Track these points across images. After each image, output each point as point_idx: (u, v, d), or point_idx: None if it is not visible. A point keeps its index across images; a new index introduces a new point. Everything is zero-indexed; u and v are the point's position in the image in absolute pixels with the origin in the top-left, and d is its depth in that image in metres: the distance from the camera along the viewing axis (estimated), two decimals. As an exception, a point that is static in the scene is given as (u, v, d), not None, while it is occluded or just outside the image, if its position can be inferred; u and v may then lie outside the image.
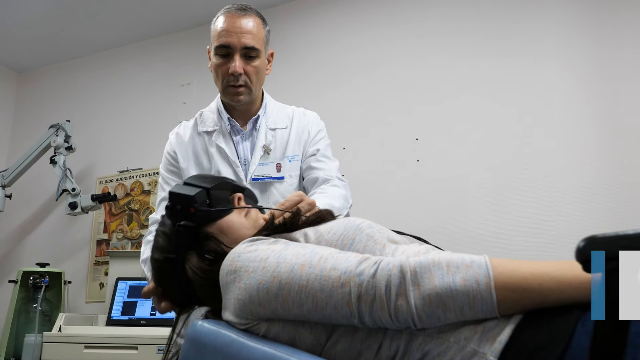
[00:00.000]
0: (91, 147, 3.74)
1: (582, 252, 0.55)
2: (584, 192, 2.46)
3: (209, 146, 1.62)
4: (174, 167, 1.64)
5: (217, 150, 1.61)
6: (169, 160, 1.66)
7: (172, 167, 1.65)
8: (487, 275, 0.72)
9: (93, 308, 3.35)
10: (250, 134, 1.65)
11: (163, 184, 1.65)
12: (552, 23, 2.68)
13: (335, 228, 0.96)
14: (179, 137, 1.67)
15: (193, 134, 1.66)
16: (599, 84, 2.54)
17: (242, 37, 1.53)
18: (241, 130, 1.64)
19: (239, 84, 1.55)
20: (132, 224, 3.50)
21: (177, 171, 1.63)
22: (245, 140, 1.65)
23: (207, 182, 1.10)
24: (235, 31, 1.53)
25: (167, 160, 1.67)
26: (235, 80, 1.55)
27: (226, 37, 1.53)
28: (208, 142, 1.63)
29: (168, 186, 1.61)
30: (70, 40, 3.79)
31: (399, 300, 0.75)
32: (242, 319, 0.89)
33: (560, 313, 0.70)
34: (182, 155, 1.63)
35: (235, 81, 1.55)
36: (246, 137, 1.65)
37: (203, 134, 1.65)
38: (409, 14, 3.03)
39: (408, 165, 2.84)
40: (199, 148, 1.64)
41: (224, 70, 1.55)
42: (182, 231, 1.05)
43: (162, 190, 1.64)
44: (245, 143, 1.64)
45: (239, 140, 1.64)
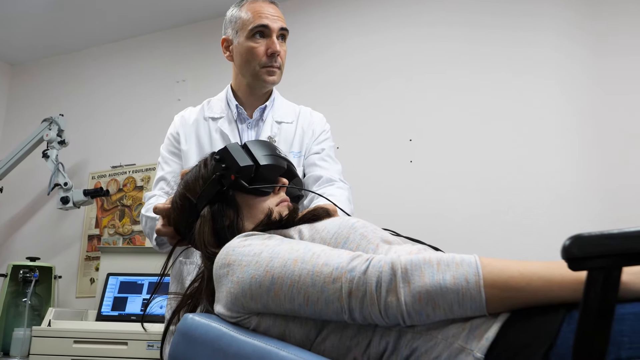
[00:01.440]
0: (84, 142, 3.73)
1: (567, 251, 0.56)
2: (575, 194, 2.48)
3: (213, 131, 1.63)
4: (174, 149, 1.65)
5: (221, 136, 1.62)
6: (170, 141, 1.66)
7: (174, 148, 1.65)
8: (477, 274, 0.74)
9: (83, 303, 3.34)
10: (256, 123, 1.66)
11: (162, 163, 1.65)
12: (547, 29, 2.70)
13: (329, 226, 0.97)
14: (184, 119, 1.68)
15: (198, 118, 1.67)
16: (590, 89, 2.56)
17: (277, 20, 1.60)
18: (247, 118, 1.65)
19: (277, 65, 1.59)
20: (124, 220, 3.50)
21: (178, 152, 1.64)
22: (250, 129, 1.65)
23: (263, 156, 1.10)
24: (270, 14, 1.59)
25: (169, 141, 1.67)
26: (274, 61, 1.58)
27: (263, 18, 1.58)
28: (213, 128, 1.64)
29: (167, 166, 1.62)
30: (65, 34, 3.78)
31: (389, 297, 0.76)
32: (233, 312, 0.90)
33: (547, 312, 0.71)
34: (184, 137, 1.64)
35: (274, 62, 1.58)
36: (252, 126, 1.66)
37: (208, 119, 1.66)
38: (405, 18, 3.04)
39: (401, 165, 2.85)
40: (202, 132, 1.64)
41: (261, 51, 1.57)
42: (215, 183, 1.07)
43: (160, 169, 1.64)
44: (250, 132, 1.65)
45: (244, 129, 1.65)
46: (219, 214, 1.06)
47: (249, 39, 1.58)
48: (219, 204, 1.07)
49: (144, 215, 1.52)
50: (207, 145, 1.61)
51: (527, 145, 2.62)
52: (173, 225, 1.16)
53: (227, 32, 1.66)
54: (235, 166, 1.07)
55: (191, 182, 1.12)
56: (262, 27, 1.57)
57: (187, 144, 1.63)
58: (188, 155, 1.61)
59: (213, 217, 1.06)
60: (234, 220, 1.06)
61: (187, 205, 1.11)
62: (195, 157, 1.58)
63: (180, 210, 1.13)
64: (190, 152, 1.61)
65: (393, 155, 2.88)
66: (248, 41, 1.58)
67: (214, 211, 1.06)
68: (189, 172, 1.16)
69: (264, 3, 1.62)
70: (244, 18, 1.60)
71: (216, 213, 1.06)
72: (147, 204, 1.55)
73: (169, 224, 1.18)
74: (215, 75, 3.31)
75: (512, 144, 2.65)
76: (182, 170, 1.23)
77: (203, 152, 1.59)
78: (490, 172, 2.66)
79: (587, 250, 0.55)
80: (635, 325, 0.64)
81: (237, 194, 1.08)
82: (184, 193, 1.12)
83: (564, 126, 2.57)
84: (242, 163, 1.07)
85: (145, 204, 1.57)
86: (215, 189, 1.07)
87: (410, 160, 2.84)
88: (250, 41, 1.58)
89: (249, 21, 1.59)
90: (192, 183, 1.12)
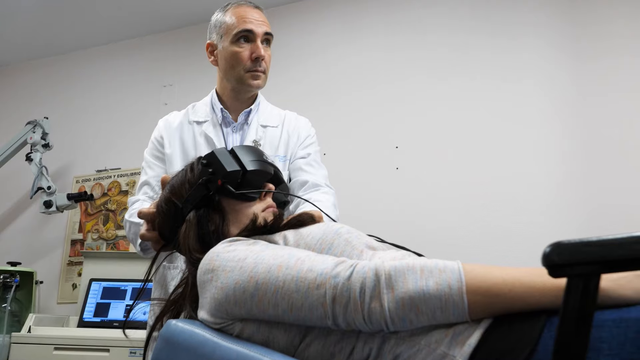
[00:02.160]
0: (69, 145, 3.69)
1: (547, 258, 0.56)
2: (558, 202, 2.51)
3: (197, 135, 1.63)
4: (158, 153, 1.64)
5: (206, 139, 1.62)
6: (154, 145, 1.66)
7: (157, 152, 1.64)
8: (460, 280, 0.74)
9: (65, 309, 3.30)
10: (241, 127, 1.66)
11: (146, 167, 1.64)
12: (529, 36, 2.74)
13: (314, 232, 0.97)
14: (168, 123, 1.68)
15: (183, 122, 1.67)
16: (573, 98, 2.60)
17: (262, 25, 1.61)
18: (232, 122, 1.65)
19: (261, 69, 1.60)
20: (109, 225, 3.47)
21: (162, 157, 1.63)
22: (235, 133, 1.65)
23: (251, 161, 1.10)
24: (255, 19, 1.61)
25: (152, 145, 1.66)
26: (259, 66, 1.59)
27: (248, 23, 1.59)
28: (197, 132, 1.63)
29: (151, 170, 1.61)
30: (51, 36, 3.76)
31: (372, 303, 0.76)
32: (217, 318, 0.90)
33: (529, 318, 0.72)
34: (168, 140, 1.63)
35: (259, 66, 1.59)
36: (237, 129, 1.66)
37: (193, 123, 1.65)
38: (392, 25, 3.06)
39: (387, 172, 2.86)
40: (186, 136, 1.64)
41: (245, 56, 1.58)
42: (202, 187, 1.07)
43: (144, 174, 1.63)
44: (235, 135, 1.65)
45: (229, 132, 1.65)
46: (205, 218, 1.06)
47: (233, 43, 1.59)
48: (204, 209, 1.07)
49: (128, 220, 1.51)
50: (192, 149, 1.60)
51: (511, 152, 2.65)
52: (157, 230, 1.16)
53: (212, 36, 1.66)
54: (222, 171, 1.07)
55: (177, 186, 1.12)
56: (247, 32, 1.58)
57: (171, 148, 1.62)
58: (172, 159, 1.60)
59: (199, 222, 1.06)
60: (219, 225, 1.06)
61: (173, 209, 1.10)
62: (179, 161, 1.58)
63: (165, 214, 1.12)
64: (174, 156, 1.60)
65: (379, 162, 2.90)
66: (232, 46, 1.59)
67: (200, 216, 1.06)
68: (175, 176, 1.16)
69: (249, 8, 1.62)
70: (229, 23, 1.61)
71: (202, 218, 1.06)
72: (131, 209, 1.54)
73: (153, 228, 1.17)
74: (202, 79, 3.31)
75: (497, 151, 2.68)
76: (164, 175, 1.22)
77: (187, 156, 1.58)
78: (475, 178, 2.68)
79: (567, 258, 0.56)
80: (614, 332, 0.65)
81: (223, 199, 1.08)
82: (169, 197, 1.12)
83: (548, 133, 2.61)
84: (229, 168, 1.07)
85: (129, 209, 1.55)
86: (201, 194, 1.07)
87: (396, 167, 2.86)
88: (235, 46, 1.59)
89: (234, 26, 1.59)
90: (178, 187, 1.11)
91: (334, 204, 1.54)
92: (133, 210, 1.51)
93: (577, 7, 2.70)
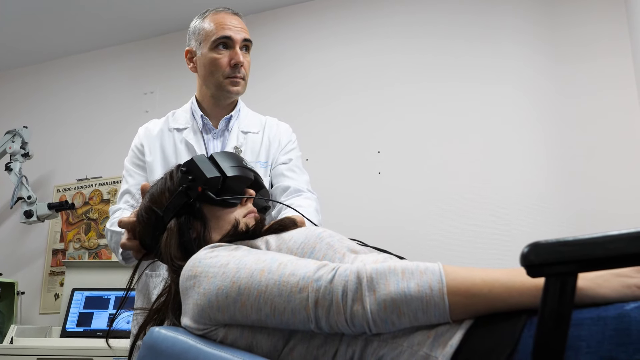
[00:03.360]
0: (49, 154, 3.65)
1: (525, 258, 0.57)
2: (539, 207, 2.54)
3: (178, 142, 1.62)
4: (139, 161, 1.63)
5: (186, 146, 1.61)
6: (135, 153, 1.64)
7: (138, 160, 1.63)
8: (440, 281, 0.75)
9: (47, 319, 3.26)
10: (222, 133, 1.66)
11: (127, 176, 1.63)
12: (509, 41, 2.78)
13: (296, 236, 0.97)
14: (148, 131, 1.67)
15: (163, 129, 1.66)
16: (554, 103, 2.64)
17: (240, 31, 1.61)
18: (213, 128, 1.65)
19: (240, 76, 1.60)
20: (90, 234, 3.43)
21: (142, 164, 1.62)
22: (216, 139, 1.65)
23: (230, 167, 1.10)
24: (234, 25, 1.60)
25: (133, 153, 1.65)
26: (238, 72, 1.59)
27: (226, 30, 1.59)
28: (177, 139, 1.63)
29: (131, 179, 1.60)
30: (30, 45, 3.72)
31: (355, 306, 0.76)
32: (200, 324, 0.89)
33: (509, 318, 0.73)
34: (148, 148, 1.62)
35: (238, 72, 1.59)
36: (217, 136, 1.65)
37: (173, 130, 1.64)
38: (372, 31, 3.09)
39: (370, 177, 2.88)
40: (167, 143, 1.63)
41: (224, 62, 1.58)
42: (182, 195, 1.06)
43: (125, 182, 1.62)
44: (216, 142, 1.65)
45: (210, 139, 1.64)
46: (186, 226, 1.06)
47: (212, 50, 1.59)
48: (185, 216, 1.07)
49: (109, 229, 1.50)
50: (172, 156, 1.60)
51: (493, 157, 2.68)
52: (139, 238, 1.15)
53: (191, 43, 1.66)
54: (203, 178, 1.06)
55: (157, 194, 1.11)
56: (225, 39, 1.58)
57: (151, 156, 1.61)
58: (153, 167, 1.59)
59: (180, 230, 1.05)
60: (201, 232, 1.06)
61: (154, 218, 1.10)
62: (160, 168, 1.57)
63: (146, 223, 1.12)
64: (154, 164, 1.60)
65: (362, 167, 2.91)
66: (211, 52, 1.59)
67: (181, 223, 1.06)
68: (154, 184, 1.15)
69: (227, 14, 1.62)
70: (207, 29, 1.61)
71: (183, 225, 1.06)
72: (112, 218, 1.53)
73: (134, 237, 1.16)
74: (184, 87, 3.29)
75: (478, 155, 2.71)
76: (143, 183, 1.21)
77: (168, 163, 1.57)
78: (457, 182, 2.71)
79: (544, 257, 0.57)
80: (593, 330, 0.66)
81: (204, 206, 1.08)
82: (149, 206, 1.11)
83: (529, 137, 2.64)
84: (209, 174, 1.07)
85: (110, 218, 1.54)
86: (182, 201, 1.07)
87: (378, 172, 2.87)
88: (214, 52, 1.59)
89: (212, 32, 1.59)
90: (159, 196, 1.11)
91: (317, 209, 1.54)
92: (114, 219, 1.50)
93: (555, 12, 2.74)
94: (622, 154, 2.48)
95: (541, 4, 2.77)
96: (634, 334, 0.63)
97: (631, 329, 0.64)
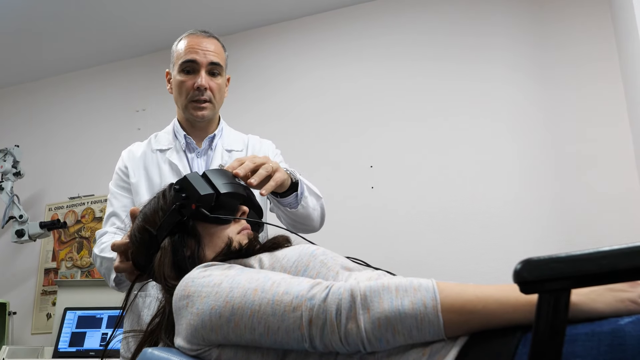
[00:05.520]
0: (41, 173, 3.64)
1: (518, 274, 0.57)
2: (532, 216, 2.55)
3: (161, 162, 1.62)
4: (124, 183, 1.62)
5: (170, 166, 1.61)
6: (119, 176, 1.64)
7: (122, 182, 1.63)
8: (434, 298, 0.75)
9: (39, 340, 3.23)
10: (205, 152, 1.66)
11: (112, 199, 1.62)
12: (498, 61, 2.80)
13: (289, 255, 0.97)
14: (131, 153, 1.67)
15: (146, 151, 1.66)
16: (543, 116, 2.66)
17: (208, 54, 1.60)
18: (196, 147, 1.65)
19: (203, 98, 1.59)
20: (83, 252, 3.41)
21: (127, 187, 1.62)
22: (199, 158, 1.65)
23: (224, 184, 1.09)
24: (201, 49, 1.60)
25: (117, 176, 1.65)
26: (201, 95, 1.58)
27: (192, 53, 1.58)
28: (161, 159, 1.62)
29: (117, 201, 1.60)
30: (21, 64, 3.72)
31: (349, 324, 0.76)
32: (193, 345, 0.88)
33: (504, 334, 0.72)
34: (132, 170, 1.62)
35: (201, 95, 1.58)
36: (201, 154, 1.65)
37: (156, 151, 1.64)
38: (365, 50, 3.11)
39: (362, 192, 2.88)
40: (150, 164, 1.62)
41: (189, 85, 1.58)
42: (175, 213, 1.06)
43: (110, 205, 1.61)
44: (199, 160, 1.64)
45: (194, 158, 1.64)
46: (180, 244, 1.05)
47: (179, 72, 1.61)
48: (179, 234, 1.06)
49: (99, 255, 1.48)
50: (157, 177, 1.59)
51: (483, 172, 2.69)
52: (132, 259, 1.14)
53: (170, 65, 1.68)
54: (196, 195, 1.06)
55: (150, 214, 1.11)
56: (190, 62, 1.59)
57: (135, 177, 1.61)
58: (138, 188, 1.58)
59: (174, 248, 1.05)
60: (195, 250, 1.05)
61: (147, 237, 1.09)
62: (145, 189, 1.57)
63: (139, 243, 1.11)
64: (139, 185, 1.59)
65: (354, 181, 2.91)
66: (178, 75, 1.61)
67: (175, 242, 1.05)
68: (146, 204, 1.15)
69: (200, 37, 1.62)
70: (179, 52, 1.62)
71: (177, 243, 1.05)
72: (100, 243, 1.52)
73: (127, 259, 1.15)
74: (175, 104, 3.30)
75: (469, 170, 2.72)
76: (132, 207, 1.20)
77: (152, 184, 1.58)
78: (449, 197, 2.71)
79: (537, 274, 0.56)
80: (587, 346, 0.66)
81: (197, 224, 1.07)
82: (142, 226, 1.10)
83: (524, 152, 2.65)
84: (202, 192, 1.06)
85: (97, 243, 1.53)
86: (175, 219, 1.06)
87: (371, 186, 2.87)
88: (180, 75, 1.60)
89: (180, 55, 1.61)
90: (152, 215, 1.10)
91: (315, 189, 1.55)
92: (103, 245, 1.48)
93: (544, 34, 2.77)
94: (613, 165, 2.50)
95: (530, 24, 2.80)
96: (629, 349, 0.63)
97: (626, 344, 0.63)
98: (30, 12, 3.17)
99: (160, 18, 3.28)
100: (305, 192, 1.45)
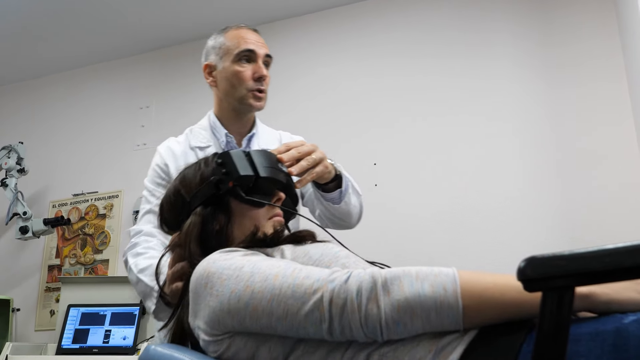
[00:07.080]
0: (45, 170, 3.65)
1: (522, 272, 0.57)
2: (536, 212, 2.55)
3: None
4: (162, 180, 1.58)
5: None
6: (158, 172, 1.60)
7: (161, 179, 1.59)
8: (454, 282, 0.75)
9: (42, 336, 3.24)
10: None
11: (149, 196, 1.58)
12: (502, 58, 2.79)
13: (312, 252, 0.97)
14: (170, 150, 1.63)
15: (185, 149, 1.63)
16: (547, 113, 2.65)
17: (263, 47, 1.62)
18: (236, 147, 1.63)
19: (263, 88, 1.60)
20: (86, 249, 3.42)
21: (166, 184, 1.57)
22: None
23: (265, 167, 1.09)
24: (256, 40, 1.61)
25: (156, 173, 1.60)
26: (261, 85, 1.59)
27: (249, 44, 1.59)
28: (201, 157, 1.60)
29: (154, 198, 1.54)
30: (25, 60, 3.73)
31: (369, 305, 0.76)
32: (213, 329, 0.88)
33: (510, 332, 0.72)
34: (174, 168, 1.57)
35: (261, 85, 1.59)
36: None
37: (195, 148, 1.62)
38: (370, 48, 3.11)
39: (366, 189, 2.87)
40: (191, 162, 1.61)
41: (247, 75, 1.58)
42: (212, 186, 1.05)
43: (147, 202, 1.57)
44: None
45: None
46: (211, 217, 1.05)
47: (235, 63, 1.58)
48: (211, 207, 1.06)
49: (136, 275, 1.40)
50: None
51: (487, 169, 2.69)
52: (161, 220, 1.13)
53: (210, 58, 1.64)
54: (235, 174, 1.05)
55: (189, 178, 1.11)
56: (248, 52, 1.58)
57: None
58: None
59: (204, 219, 1.04)
60: (224, 225, 1.05)
61: (180, 202, 1.09)
62: None
63: (172, 205, 1.11)
64: None
65: (358, 178, 2.89)
66: (234, 65, 1.58)
67: (206, 213, 1.05)
68: (188, 167, 1.14)
69: (248, 30, 1.63)
70: (229, 43, 1.60)
71: (208, 215, 1.05)
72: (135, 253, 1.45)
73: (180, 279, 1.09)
74: (179, 101, 3.30)
75: (473, 167, 2.71)
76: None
77: None
78: (452, 194, 2.71)
79: (540, 272, 0.56)
80: (591, 345, 0.65)
81: (231, 200, 1.07)
82: (179, 189, 1.10)
83: (530, 150, 2.65)
84: (242, 172, 1.05)
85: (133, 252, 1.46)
86: (210, 192, 1.06)
87: (375, 184, 2.87)
88: (237, 65, 1.58)
89: (235, 46, 1.59)
90: (190, 179, 1.10)
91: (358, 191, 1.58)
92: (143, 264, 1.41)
93: (549, 32, 2.76)
94: (618, 162, 2.49)
95: (534, 21, 2.79)
96: (632, 349, 0.63)
97: (629, 345, 0.63)
98: (33, 9, 3.18)
99: (164, 15, 3.28)
100: (349, 188, 1.45)
